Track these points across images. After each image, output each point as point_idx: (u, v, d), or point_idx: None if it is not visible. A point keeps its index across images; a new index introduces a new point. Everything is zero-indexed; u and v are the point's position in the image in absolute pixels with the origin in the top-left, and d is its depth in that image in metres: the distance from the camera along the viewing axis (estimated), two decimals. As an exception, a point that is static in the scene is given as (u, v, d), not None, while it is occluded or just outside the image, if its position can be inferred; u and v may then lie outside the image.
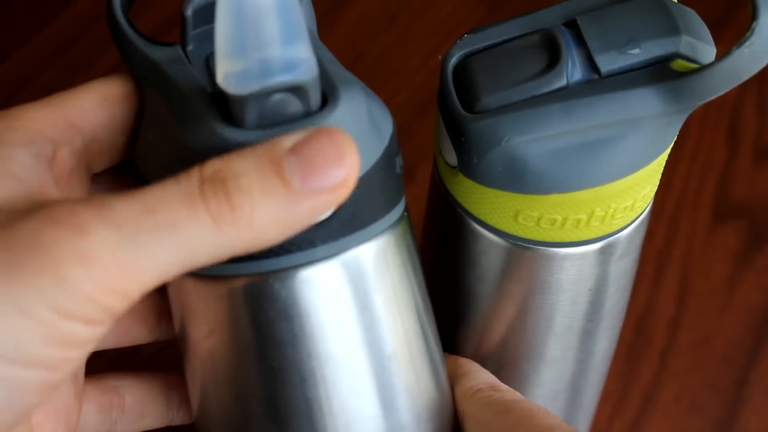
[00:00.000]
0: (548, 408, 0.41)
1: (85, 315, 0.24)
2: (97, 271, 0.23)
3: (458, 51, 0.31)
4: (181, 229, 0.23)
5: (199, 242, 0.24)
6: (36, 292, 0.23)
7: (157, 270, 0.24)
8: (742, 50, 0.27)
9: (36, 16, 0.70)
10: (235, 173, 0.24)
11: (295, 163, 0.24)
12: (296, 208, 0.24)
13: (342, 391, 0.29)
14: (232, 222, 0.23)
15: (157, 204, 0.23)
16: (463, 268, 0.36)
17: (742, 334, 0.60)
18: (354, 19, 0.73)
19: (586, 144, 0.30)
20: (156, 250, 0.23)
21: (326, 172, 0.24)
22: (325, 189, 0.24)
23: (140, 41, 0.29)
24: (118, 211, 0.23)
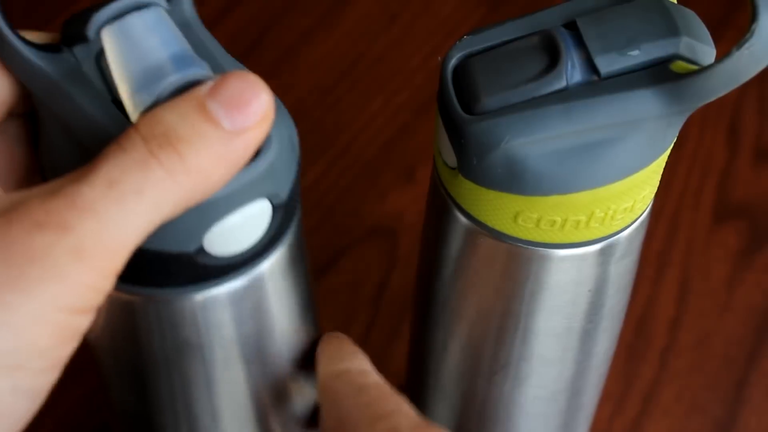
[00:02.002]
0: (548, 408, 0.41)
1: (89, 304, 0.25)
2: (91, 260, 0.24)
3: (458, 52, 0.31)
4: (144, 191, 0.25)
5: (161, 198, 0.25)
6: (46, 298, 0.24)
7: (135, 235, 0.25)
8: (741, 52, 0.27)
9: (36, 16, 0.70)
10: (172, 126, 0.25)
11: (218, 106, 0.25)
12: (232, 145, 0.25)
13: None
14: (183, 170, 0.25)
15: (116, 175, 0.24)
16: (462, 268, 0.36)
17: (742, 334, 0.60)
18: (354, 19, 0.73)
19: (585, 145, 0.30)
20: (131, 219, 0.25)
21: (248, 107, 0.25)
22: (251, 123, 0.25)
23: (28, 50, 0.28)
24: (87, 196, 0.24)
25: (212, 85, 0.25)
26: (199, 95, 0.25)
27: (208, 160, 0.25)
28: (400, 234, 0.62)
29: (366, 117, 0.67)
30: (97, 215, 0.24)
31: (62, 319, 0.24)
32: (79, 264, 0.24)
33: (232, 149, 0.25)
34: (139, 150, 0.25)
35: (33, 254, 0.24)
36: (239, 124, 0.25)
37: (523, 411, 0.41)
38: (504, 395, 0.40)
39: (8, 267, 0.24)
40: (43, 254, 0.24)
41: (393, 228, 0.63)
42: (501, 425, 0.42)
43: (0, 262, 0.24)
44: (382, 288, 0.61)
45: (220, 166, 0.25)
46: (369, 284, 0.61)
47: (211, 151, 0.25)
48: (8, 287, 0.24)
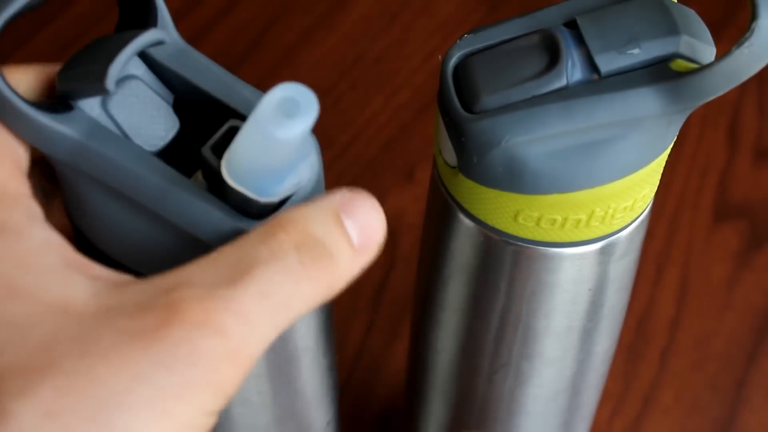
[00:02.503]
0: (548, 407, 0.41)
1: (222, 406, 0.25)
2: (239, 367, 0.24)
3: (458, 51, 0.31)
4: (292, 305, 0.25)
5: (300, 307, 0.26)
6: (200, 404, 0.24)
7: (271, 341, 0.25)
8: (741, 50, 0.27)
9: (36, 17, 0.70)
10: (320, 239, 0.26)
11: (352, 226, 0.26)
12: (355, 263, 0.27)
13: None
14: (326, 285, 0.26)
15: (269, 286, 0.25)
16: (462, 268, 0.36)
17: (742, 334, 0.60)
18: (354, 19, 0.73)
19: (586, 144, 0.30)
20: (274, 331, 0.25)
21: (373, 237, 0.27)
22: (371, 249, 0.27)
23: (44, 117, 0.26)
24: (243, 304, 0.24)
25: (346, 200, 0.26)
26: (334, 207, 0.26)
27: (341, 274, 0.26)
28: (400, 234, 0.62)
29: (366, 117, 0.67)
30: (251, 324, 0.24)
31: (203, 421, 0.24)
32: (232, 370, 0.24)
33: (354, 267, 0.27)
34: (292, 260, 0.25)
35: (196, 358, 0.23)
36: (364, 248, 0.27)
37: (523, 410, 0.41)
38: (504, 394, 0.40)
39: (172, 372, 0.23)
40: (205, 359, 0.23)
41: (393, 228, 0.62)
42: (501, 424, 0.42)
43: (163, 367, 0.23)
44: (382, 288, 0.61)
45: (344, 280, 0.26)
46: (369, 284, 0.61)
47: (344, 267, 0.26)
48: (172, 394, 0.23)
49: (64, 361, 0.22)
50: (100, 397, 0.22)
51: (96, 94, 0.27)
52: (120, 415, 0.22)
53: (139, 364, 0.23)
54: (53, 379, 0.22)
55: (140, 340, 0.23)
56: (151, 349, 0.23)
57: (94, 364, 0.22)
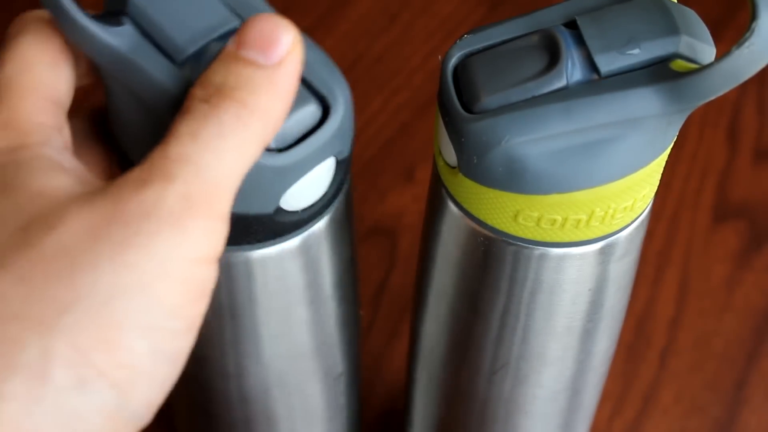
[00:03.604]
0: (548, 407, 0.41)
1: (209, 252, 0.26)
2: (200, 204, 0.25)
3: (458, 51, 0.31)
4: (224, 134, 0.26)
5: (241, 141, 0.26)
6: (166, 250, 0.25)
7: (232, 176, 0.26)
8: (741, 50, 0.27)
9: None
10: (220, 82, 0.27)
11: (250, 51, 0.27)
12: (276, 77, 0.27)
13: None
14: (248, 113, 0.26)
15: (194, 128, 0.26)
16: (462, 268, 0.36)
17: (742, 334, 0.60)
18: (354, 19, 0.73)
19: (585, 144, 0.30)
20: (223, 160, 0.26)
21: (277, 41, 0.27)
22: (284, 53, 0.27)
23: (94, 25, 0.28)
24: (178, 150, 0.25)
25: (237, 36, 0.27)
26: (230, 49, 0.27)
27: (263, 97, 0.27)
28: (399, 234, 0.62)
29: (366, 117, 0.67)
30: (192, 162, 0.25)
31: (186, 270, 0.25)
32: (190, 209, 0.25)
33: (279, 80, 0.27)
34: (203, 108, 0.26)
35: (145, 208, 0.24)
36: (276, 58, 0.27)
37: (522, 410, 0.41)
38: (504, 394, 0.40)
39: (124, 226, 0.24)
40: (155, 206, 0.24)
41: (393, 228, 0.63)
42: (501, 424, 0.42)
43: (114, 224, 0.24)
44: (381, 288, 0.61)
45: (275, 98, 0.27)
46: (369, 284, 0.61)
47: (263, 89, 0.27)
48: (127, 247, 0.24)
49: (35, 237, 0.25)
50: (65, 261, 0.24)
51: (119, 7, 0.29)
52: (83, 273, 0.24)
53: (98, 225, 0.24)
54: (27, 253, 0.24)
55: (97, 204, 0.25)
56: (109, 214, 0.25)
57: (60, 235, 0.24)
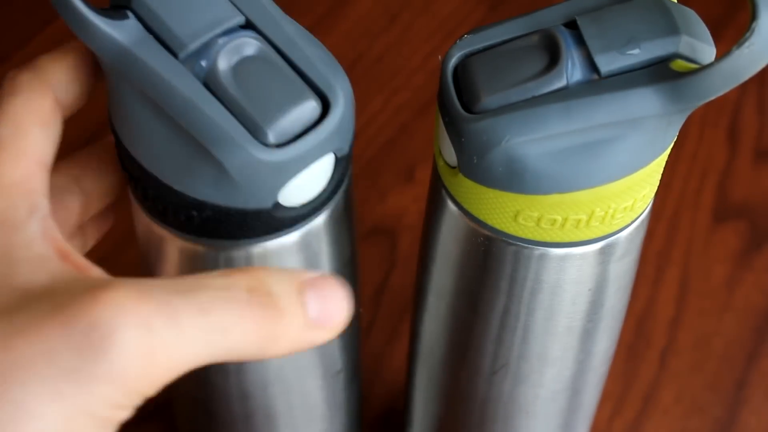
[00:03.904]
0: (548, 407, 0.41)
1: (134, 404, 0.25)
2: (155, 369, 0.25)
3: (458, 51, 0.31)
4: (229, 333, 0.26)
5: (237, 344, 0.26)
6: (101, 397, 0.24)
7: (198, 362, 0.26)
8: (741, 50, 0.27)
9: (36, 16, 0.70)
10: (276, 294, 0.27)
11: (313, 300, 0.27)
12: (305, 333, 0.28)
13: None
14: (267, 333, 0.27)
15: (210, 306, 0.25)
16: (462, 268, 0.36)
17: (742, 334, 0.60)
18: (354, 19, 0.73)
19: (586, 144, 0.30)
20: (207, 349, 0.26)
21: (334, 317, 0.28)
22: (327, 327, 0.28)
23: (103, 21, 0.29)
24: (178, 309, 0.25)
25: (314, 279, 0.28)
26: (302, 281, 0.28)
27: (287, 334, 0.27)
28: (399, 234, 0.62)
29: (366, 117, 0.67)
30: (181, 330, 0.25)
31: (108, 413, 0.24)
32: (144, 368, 0.24)
33: (305, 337, 0.28)
34: (241, 294, 0.26)
35: (108, 345, 0.24)
36: (321, 324, 0.28)
37: (522, 410, 0.41)
38: (504, 394, 0.40)
39: (78, 354, 0.23)
40: (117, 348, 0.24)
41: (393, 228, 0.63)
42: (501, 424, 0.42)
43: (71, 347, 0.24)
44: (382, 288, 0.61)
45: (289, 343, 0.27)
46: (369, 284, 0.61)
47: (290, 330, 0.27)
48: (70, 378, 0.23)
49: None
50: (3, 368, 0.23)
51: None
52: (12, 386, 0.23)
53: (50, 340, 0.23)
54: None
55: (61, 314, 0.24)
56: (67, 326, 0.24)
57: (13, 335, 0.24)
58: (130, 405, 0.25)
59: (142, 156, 0.30)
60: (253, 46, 0.29)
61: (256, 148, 0.28)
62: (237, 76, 0.29)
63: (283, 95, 0.29)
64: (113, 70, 0.29)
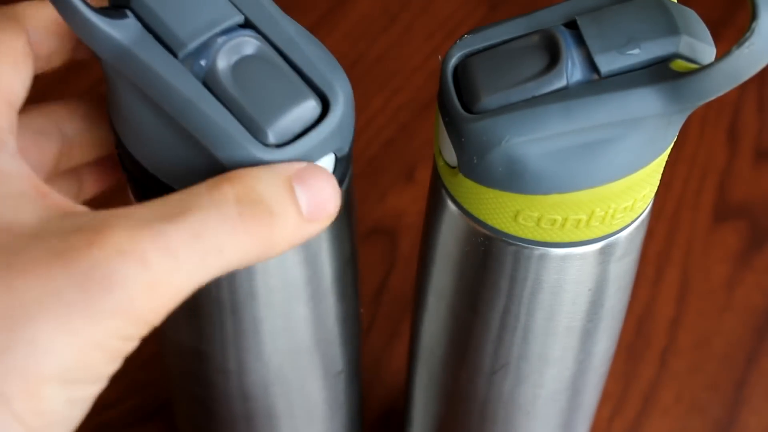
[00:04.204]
0: (548, 407, 0.41)
1: (141, 334, 0.26)
2: (158, 299, 0.25)
3: (458, 51, 0.31)
4: (224, 250, 0.26)
5: (235, 257, 0.26)
6: (110, 329, 0.25)
7: (201, 283, 0.26)
8: (741, 50, 0.27)
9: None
10: (265, 198, 0.27)
11: (303, 194, 0.27)
12: (300, 230, 0.28)
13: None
14: (264, 240, 0.27)
15: (202, 228, 0.26)
16: (462, 268, 0.36)
17: (742, 334, 0.60)
18: (354, 19, 0.73)
19: (586, 144, 0.30)
20: (204, 271, 0.26)
21: (325, 207, 0.28)
22: (320, 218, 0.28)
23: (102, 21, 0.28)
24: (172, 239, 0.25)
25: (301, 170, 0.28)
26: (288, 174, 0.27)
27: (280, 236, 0.27)
28: (399, 234, 0.62)
29: (366, 117, 0.67)
30: (177, 259, 0.25)
31: (118, 345, 0.25)
32: (147, 301, 0.25)
33: (299, 233, 0.28)
34: (231, 209, 0.26)
35: (110, 283, 0.24)
36: (313, 217, 0.28)
37: (522, 410, 0.41)
38: (504, 394, 0.40)
39: (84, 292, 0.24)
40: (120, 285, 0.24)
41: (393, 228, 0.63)
42: (501, 424, 0.42)
43: (76, 286, 0.24)
44: (382, 288, 0.61)
45: (286, 243, 0.28)
46: (369, 284, 0.61)
47: (286, 229, 0.27)
48: (79, 313, 0.24)
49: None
50: (9, 307, 0.24)
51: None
52: (25, 324, 0.24)
53: (55, 280, 0.24)
54: None
55: (61, 258, 0.24)
56: (68, 268, 0.24)
57: (13, 277, 0.24)
58: (138, 335, 0.26)
59: (142, 156, 0.30)
60: (253, 46, 0.29)
61: (257, 148, 0.28)
62: (236, 75, 0.29)
63: (283, 95, 0.29)
64: (113, 69, 0.29)
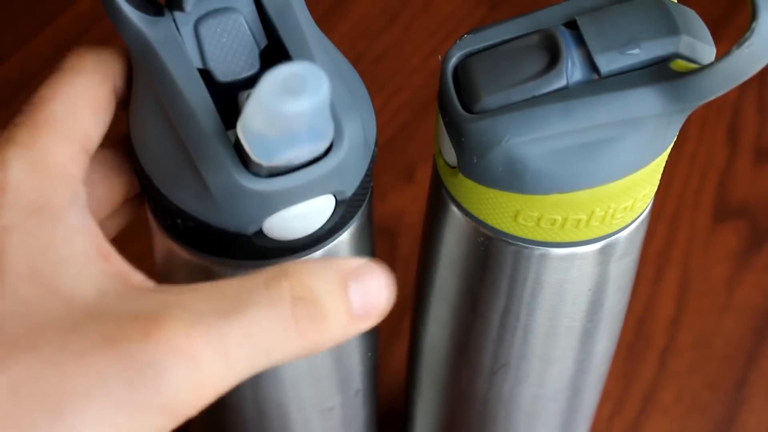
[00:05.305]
0: (548, 407, 0.41)
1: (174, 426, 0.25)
2: (203, 398, 0.25)
3: (458, 51, 0.31)
4: (272, 353, 0.25)
5: (280, 357, 0.26)
6: (151, 425, 0.24)
7: (238, 381, 0.25)
8: (741, 50, 0.27)
9: (36, 16, 0.70)
10: (320, 298, 0.26)
11: (356, 295, 0.26)
12: (349, 329, 0.27)
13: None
14: (314, 342, 0.26)
15: (257, 329, 0.25)
16: (463, 268, 0.36)
17: (742, 334, 0.60)
18: (354, 19, 0.73)
19: (586, 144, 0.30)
20: (249, 370, 0.25)
21: (376, 309, 0.27)
22: (372, 316, 0.27)
23: (134, 13, 0.29)
24: (226, 338, 0.25)
25: (357, 269, 0.27)
26: (344, 273, 0.26)
27: (331, 337, 0.26)
28: (400, 234, 0.62)
29: (366, 117, 0.67)
30: (228, 360, 0.25)
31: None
32: (193, 398, 0.24)
33: (347, 332, 0.27)
34: (285, 309, 0.25)
35: (160, 382, 0.24)
36: (363, 317, 0.27)
37: (522, 410, 0.41)
38: (504, 394, 0.40)
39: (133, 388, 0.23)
40: (169, 385, 0.24)
41: (393, 228, 0.63)
42: (501, 424, 0.42)
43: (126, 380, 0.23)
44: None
45: (333, 342, 0.27)
46: (369, 284, 0.60)
47: (337, 330, 0.26)
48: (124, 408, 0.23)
49: (45, 349, 0.23)
50: (60, 392, 0.23)
51: (176, 8, 0.29)
52: (70, 415, 0.23)
53: (106, 372, 0.23)
54: (29, 362, 0.23)
55: (115, 346, 0.24)
56: (121, 360, 0.24)
57: (67, 360, 0.23)
58: (171, 427, 0.25)
59: (143, 157, 0.30)
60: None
61: (242, 175, 0.28)
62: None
63: None
64: (136, 62, 0.29)
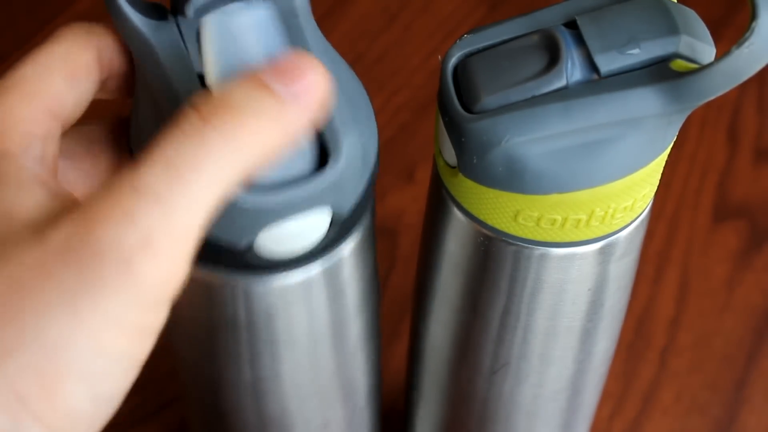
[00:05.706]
0: (548, 407, 0.41)
1: (162, 298, 0.24)
2: (161, 250, 0.23)
3: (458, 51, 0.31)
4: (201, 165, 0.24)
5: (219, 168, 0.24)
6: (118, 299, 0.23)
7: (202, 215, 0.24)
8: (741, 50, 0.27)
9: (36, 16, 0.70)
10: (227, 96, 0.25)
11: (274, 78, 0.25)
12: (286, 111, 0.25)
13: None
14: (238, 134, 0.24)
15: (172, 153, 0.24)
16: (463, 268, 0.36)
17: (742, 334, 0.60)
18: (354, 19, 0.73)
19: (585, 144, 0.30)
20: (193, 198, 0.24)
21: (302, 78, 0.25)
22: (305, 90, 0.25)
23: (137, 17, 0.28)
24: (146, 179, 0.23)
25: (270, 67, 0.25)
26: (256, 72, 0.25)
27: (262, 123, 0.25)
28: (399, 234, 0.62)
29: (366, 117, 0.67)
30: (160, 200, 0.23)
31: (136, 318, 0.23)
32: (148, 256, 0.23)
33: (286, 115, 0.25)
34: (193, 121, 0.24)
35: (100, 252, 0.23)
36: (294, 92, 0.25)
37: (522, 410, 0.41)
38: (504, 394, 0.40)
39: (77, 271, 0.23)
40: (111, 248, 0.23)
41: (393, 228, 0.63)
42: (501, 424, 0.42)
43: (68, 266, 0.23)
44: (381, 288, 0.61)
45: (275, 130, 0.25)
46: (369, 284, 0.60)
47: (266, 116, 0.25)
48: (78, 294, 0.23)
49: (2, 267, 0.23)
50: (14, 299, 0.23)
51: (180, 13, 0.29)
52: (31, 317, 0.23)
53: (52, 263, 0.23)
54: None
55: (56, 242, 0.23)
56: (64, 252, 0.23)
57: (12, 268, 0.23)
58: (157, 301, 0.24)
59: None
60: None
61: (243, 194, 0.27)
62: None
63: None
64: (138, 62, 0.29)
